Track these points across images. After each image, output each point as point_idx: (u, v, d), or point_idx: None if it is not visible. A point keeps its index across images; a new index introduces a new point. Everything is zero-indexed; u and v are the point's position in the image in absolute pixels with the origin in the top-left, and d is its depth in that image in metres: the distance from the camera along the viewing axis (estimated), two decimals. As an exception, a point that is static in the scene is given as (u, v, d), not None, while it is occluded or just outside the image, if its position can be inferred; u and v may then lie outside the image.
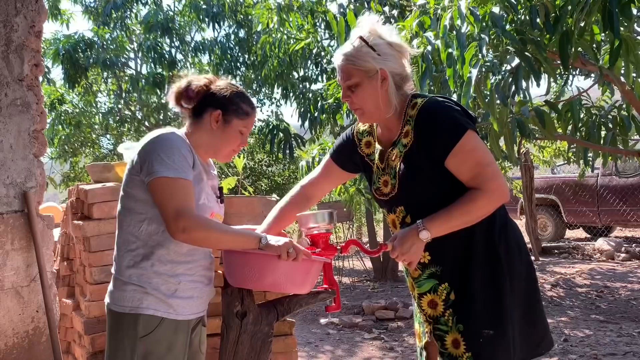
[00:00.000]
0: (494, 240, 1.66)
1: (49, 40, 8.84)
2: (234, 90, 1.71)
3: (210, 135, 1.69)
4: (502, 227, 1.69)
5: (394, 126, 1.71)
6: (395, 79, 1.66)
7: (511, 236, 1.70)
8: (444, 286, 1.67)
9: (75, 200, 2.58)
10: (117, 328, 1.60)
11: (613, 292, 5.71)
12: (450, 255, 1.66)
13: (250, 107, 1.72)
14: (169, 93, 1.75)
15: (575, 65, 3.14)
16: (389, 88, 1.64)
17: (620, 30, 2.40)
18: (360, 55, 1.62)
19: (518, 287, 1.67)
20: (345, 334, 4.83)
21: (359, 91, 1.65)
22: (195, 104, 1.69)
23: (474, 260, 1.65)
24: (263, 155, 10.40)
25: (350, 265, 7.87)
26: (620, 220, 8.60)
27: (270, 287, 1.70)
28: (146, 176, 1.56)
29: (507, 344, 1.62)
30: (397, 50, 1.66)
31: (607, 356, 3.76)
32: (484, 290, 1.63)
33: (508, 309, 1.63)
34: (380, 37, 1.64)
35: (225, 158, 1.76)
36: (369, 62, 1.61)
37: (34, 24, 2.48)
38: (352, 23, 3.41)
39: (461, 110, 1.65)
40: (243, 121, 1.70)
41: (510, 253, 1.67)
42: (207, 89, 1.69)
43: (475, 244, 1.65)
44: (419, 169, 1.64)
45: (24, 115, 2.44)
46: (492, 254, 1.65)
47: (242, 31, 8.84)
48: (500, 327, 1.62)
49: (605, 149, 3.70)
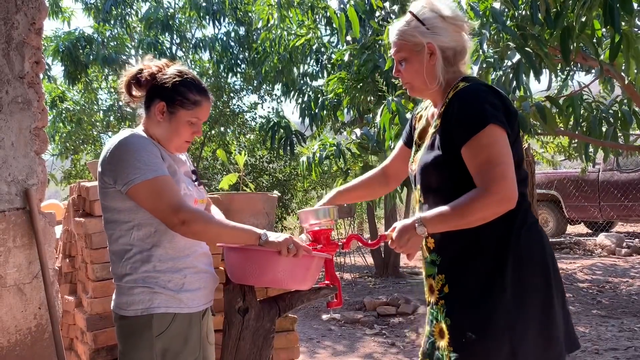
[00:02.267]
0: (502, 249, 1.55)
1: (50, 37, 8.84)
2: (179, 79, 1.62)
3: (158, 127, 1.63)
4: (517, 236, 1.56)
5: (439, 104, 1.68)
6: (447, 53, 1.62)
7: (525, 245, 1.56)
8: (440, 277, 1.64)
9: (76, 197, 2.58)
10: (129, 332, 1.59)
11: (614, 287, 5.71)
12: (452, 248, 1.62)
13: (200, 95, 1.63)
14: (121, 81, 1.68)
15: (576, 60, 3.13)
16: (437, 63, 1.61)
17: (621, 25, 2.40)
18: (409, 29, 1.61)
19: (531, 300, 1.55)
20: (347, 329, 4.84)
21: (407, 66, 1.65)
22: (145, 94, 1.64)
23: (475, 263, 1.58)
24: (264, 152, 10.40)
25: (351, 261, 7.88)
26: (622, 216, 8.59)
27: (271, 283, 1.70)
28: (123, 186, 1.52)
29: (489, 355, 1.53)
30: (451, 23, 1.61)
31: (609, 351, 3.76)
32: (478, 296, 1.55)
33: (502, 321, 1.53)
34: (433, 11, 1.61)
35: (178, 150, 1.69)
36: (416, 37, 1.60)
37: (35, 21, 2.47)
38: (352, 18, 3.40)
39: (499, 103, 1.55)
40: (191, 112, 1.61)
41: (522, 265, 1.55)
42: (153, 79, 1.63)
43: (479, 248, 1.57)
44: (438, 152, 1.60)
45: (25, 112, 2.44)
46: (496, 264, 1.55)
47: (242, 28, 8.84)
48: (485, 336, 1.53)
49: (607, 144, 3.70)
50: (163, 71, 1.65)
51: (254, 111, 10.49)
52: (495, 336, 1.53)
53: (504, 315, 1.53)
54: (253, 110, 10.46)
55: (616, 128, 3.63)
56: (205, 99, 1.65)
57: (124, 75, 1.68)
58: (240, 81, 9.95)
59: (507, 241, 1.55)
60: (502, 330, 1.53)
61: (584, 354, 3.74)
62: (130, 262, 1.58)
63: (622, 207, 8.41)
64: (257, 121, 10.26)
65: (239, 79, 9.78)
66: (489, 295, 1.54)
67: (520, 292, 1.54)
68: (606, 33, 3.00)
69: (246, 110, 10.35)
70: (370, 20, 4.78)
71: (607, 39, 3.10)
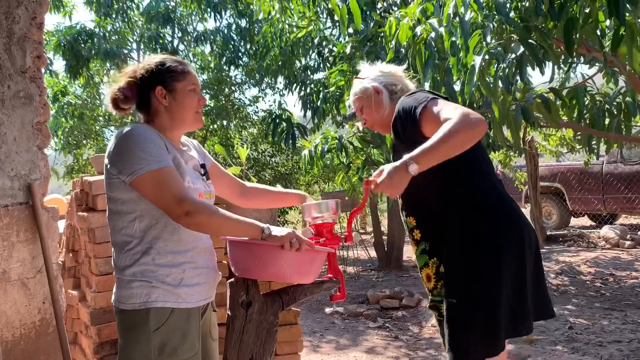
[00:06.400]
0: (469, 217, 1.78)
1: (51, 31, 8.83)
2: (157, 62, 1.67)
3: (168, 113, 1.65)
4: (479, 205, 1.80)
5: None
6: (390, 88, 2.00)
7: (491, 213, 1.79)
8: (433, 260, 1.85)
9: (79, 192, 2.58)
10: (129, 326, 1.59)
11: (618, 279, 5.70)
12: (434, 232, 1.84)
13: (182, 64, 1.68)
14: (106, 100, 1.72)
15: (580, 51, 3.11)
16: (383, 97, 1.99)
17: (625, 17, 2.38)
18: (357, 86, 2.05)
19: (508, 264, 1.75)
20: (350, 323, 4.85)
21: (365, 110, 2.03)
22: (136, 98, 1.67)
23: (449, 235, 1.79)
24: (266, 145, 10.39)
25: (354, 254, 7.89)
26: (626, 208, 8.57)
27: (274, 277, 1.70)
28: (128, 176, 1.53)
29: (464, 316, 1.73)
30: (387, 72, 2.05)
31: (612, 343, 3.76)
32: (454, 263, 1.77)
33: (472, 283, 1.73)
34: (370, 70, 2.07)
35: (196, 123, 1.72)
36: (364, 86, 2.02)
37: (36, 16, 2.47)
38: (354, 10, 3.38)
39: (425, 92, 1.88)
40: (185, 81, 1.66)
41: (494, 231, 1.76)
42: (135, 80, 1.67)
43: (451, 221, 1.79)
44: (399, 155, 1.77)
45: (27, 107, 2.44)
46: (466, 230, 1.77)
47: (243, 20, 8.81)
48: (460, 299, 1.74)
49: (610, 136, 3.68)
50: (139, 69, 1.69)
51: (255, 105, 10.48)
52: (466, 296, 1.75)
53: (473, 275, 1.74)
54: (255, 104, 10.46)
55: (620, 120, 3.61)
56: (187, 65, 1.72)
57: (108, 96, 1.71)
58: (242, 74, 9.93)
59: (474, 215, 1.79)
60: (471, 290, 1.74)
61: (587, 346, 3.74)
62: (131, 253, 1.59)
63: (625, 200, 8.39)
64: (259, 115, 10.26)
65: (240, 72, 9.77)
66: (463, 260, 1.76)
67: (491, 256, 1.75)
68: (610, 24, 2.97)
69: (248, 104, 10.34)
70: (372, 12, 4.75)
71: (611, 31, 3.07)
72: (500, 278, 1.74)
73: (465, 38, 2.66)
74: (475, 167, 1.85)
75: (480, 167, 1.87)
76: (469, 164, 1.82)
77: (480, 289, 1.74)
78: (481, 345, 1.74)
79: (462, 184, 1.82)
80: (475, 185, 1.83)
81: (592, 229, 8.94)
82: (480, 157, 1.88)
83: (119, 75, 1.71)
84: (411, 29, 3.03)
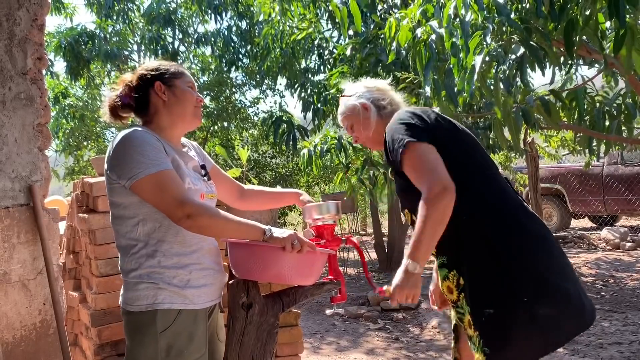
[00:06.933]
0: (477, 222, 1.72)
1: (52, 33, 8.83)
2: (152, 67, 1.70)
3: (168, 109, 1.67)
4: (483, 209, 1.73)
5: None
6: (377, 103, 1.97)
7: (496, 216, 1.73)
8: (452, 273, 1.76)
9: (80, 193, 2.58)
10: (136, 328, 1.59)
11: (619, 281, 5.70)
12: (449, 245, 1.75)
13: (175, 66, 1.73)
14: (103, 112, 1.74)
15: (580, 53, 3.11)
16: (371, 113, 1.95)
17: (626, 18, 2.38)
18: (344, 104, 2.02)
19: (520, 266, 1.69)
20: (351, 324, 4.85)
21: (355, 128, 2.01)
22: (135, 102, 1.68)
23: (465, 244, 1.72)
24: (267, 147, 10.39)
25: (355, 256, 7.88)
26: (626, 209, 8.56)
27: (274, 278, 1.70)
28: (127, 181, 1.53)
29: (512, 322, 1.62)
30: (372, 88, 2.02)
31: (613, 345, 3.76)
32: (478, 271, 1.69)
33: (506, 287, 1.64)
34: (355, 87, 2.04)
35: (195, 119, 1.73)
36: (351, 103, 1.99)
37: (37, 17, 2.47)
38: (354, 12, 3.39)
39: (408, 122, 1.76)
40: (183, 78, 1.70)
41: (502, 233, 1.70)
42: (131, 84, 1.69)
43: (463, 229, 1.72)
44: (399, 179, 1.82)
45: (28, 108, 2.45)
46: (478, 236, 1.70)
47: (244, 22, 8.81)
48: (500, 306, 1.64)
49: (611, 138, 3.68)
50: (136, 73, 1.71)
51: (256, 106, 10.49)
52: (506, 305, 1.63)
53: (508, 285, 1.64)
54: (255, 105, 10.46)
55: (620, 121, 3.61)
56: (181, 66, 1.76)
57: (106, 102, 1.72)
58: (242, 75, 9.94)
59: (481, 220, 1.72)
60: (507, 294, 1.63)
61: (587, 348, 3.74)
62: (136, 257, 1.58)
63: (626, 201, 8.38)
64: (259, 116, 10.26)
65: (241, 73, 9.77)
66: (489, 271, 1.67)
67: (507, 258, 1.67)
68: (611, 26, 2.97)
69: (249, 105, 10.35)
70: (372, 14, 4.76)
71: (611, 32, 3.08)
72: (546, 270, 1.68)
73: (465, 39, 2.67)
74: (480, 172, 1.80)
75: (485, 172, 1.82)
76: (473, 174, 1.77)
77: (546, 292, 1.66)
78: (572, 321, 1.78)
79: (472, 193, 1.74)
80: (483, 194, 1.76)
81: (593, 230, 8.94)
82: (483, 162, 1.83)
83: (115, 86, 1.73)
84: (411, 31, 3.04)
